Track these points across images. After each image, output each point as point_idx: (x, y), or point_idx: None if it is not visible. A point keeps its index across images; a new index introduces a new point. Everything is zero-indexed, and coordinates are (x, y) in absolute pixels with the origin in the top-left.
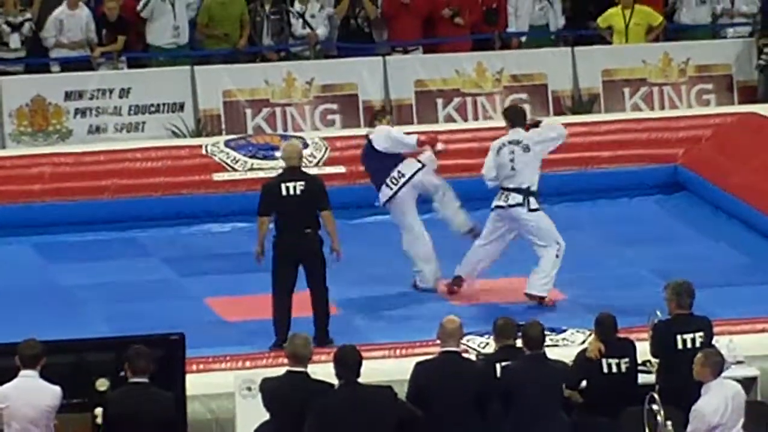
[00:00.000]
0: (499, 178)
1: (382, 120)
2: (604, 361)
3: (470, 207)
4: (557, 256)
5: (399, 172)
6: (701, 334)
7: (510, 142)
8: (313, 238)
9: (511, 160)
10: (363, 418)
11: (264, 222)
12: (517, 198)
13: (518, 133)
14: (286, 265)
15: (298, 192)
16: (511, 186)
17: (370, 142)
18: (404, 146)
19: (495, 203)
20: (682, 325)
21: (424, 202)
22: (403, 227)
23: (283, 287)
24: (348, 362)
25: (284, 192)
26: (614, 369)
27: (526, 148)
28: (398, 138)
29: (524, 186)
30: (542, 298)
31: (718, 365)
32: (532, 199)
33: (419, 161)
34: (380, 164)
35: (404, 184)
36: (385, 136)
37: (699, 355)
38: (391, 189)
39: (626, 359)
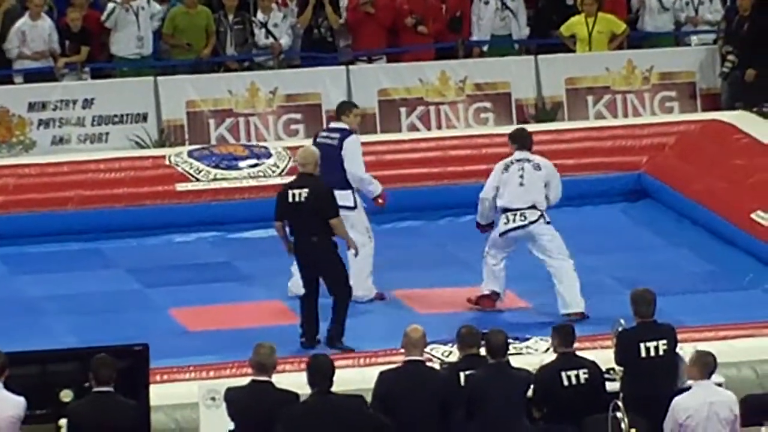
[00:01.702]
0: (503, 199)
1: (349, 114)
2: (563, 374)
3: (430, 216)
4: (574, 270)
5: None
6: (665, 341)
7: (519, 160)
8: (320, 246)
9: (521, 176)
10: (333, 427)
11: (278, 227)
12: (535, 213)
13: (526, 153)
14: (302, 270)
15: (302, 199)
16: (522, 206)
17: (340, 148)
18: (363, 186)
19: (506, 227)
20: (646, 332)
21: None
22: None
23: (305, 290)
24: (321, 371)
25: (291, 199)
26: (573, 381)
27: (537, 167)
28: (364, 180)
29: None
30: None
31: (706, 366)
32: (545, 214)
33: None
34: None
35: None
36: (353, 164)
37: (692, 352)
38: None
39: (584, 370)
